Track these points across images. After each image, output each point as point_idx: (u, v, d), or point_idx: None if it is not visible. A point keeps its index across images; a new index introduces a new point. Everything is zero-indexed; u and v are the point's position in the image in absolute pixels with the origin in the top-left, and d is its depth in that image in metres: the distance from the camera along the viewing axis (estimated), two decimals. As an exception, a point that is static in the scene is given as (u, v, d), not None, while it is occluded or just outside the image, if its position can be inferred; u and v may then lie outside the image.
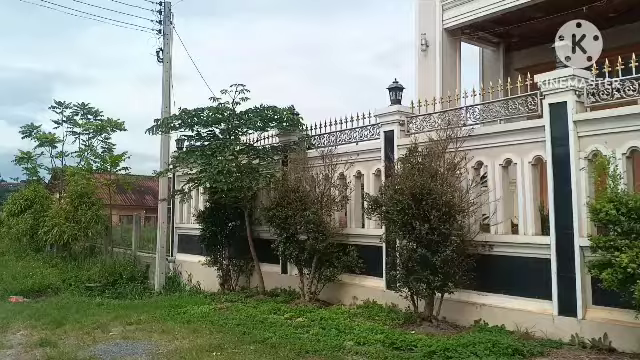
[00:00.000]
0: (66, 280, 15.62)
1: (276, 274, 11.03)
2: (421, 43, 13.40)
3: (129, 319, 8.75)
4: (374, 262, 9.01)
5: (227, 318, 8.39)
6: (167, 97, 14.39)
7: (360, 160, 9.45)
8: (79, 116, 22.06)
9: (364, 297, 9.07)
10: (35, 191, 22.63)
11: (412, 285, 7.13)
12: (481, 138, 7.66)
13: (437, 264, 6.95)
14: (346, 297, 9.44)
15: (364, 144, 9.57)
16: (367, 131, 9.52)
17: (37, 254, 20.84)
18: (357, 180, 9.66)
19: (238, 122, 9.84)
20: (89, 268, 17.48)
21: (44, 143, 21.48)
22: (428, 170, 7.20)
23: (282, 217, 9.13)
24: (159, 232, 14.20)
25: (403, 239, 7.26)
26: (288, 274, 10.86)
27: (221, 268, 11.78)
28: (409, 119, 8.84)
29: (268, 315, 8.52)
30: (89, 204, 18.61)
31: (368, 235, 9.24)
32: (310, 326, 7.67)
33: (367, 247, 9.22)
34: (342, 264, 9.14)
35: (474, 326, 7.36)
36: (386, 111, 8.93)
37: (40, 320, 9.47)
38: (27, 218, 21.64)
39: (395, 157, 8.69)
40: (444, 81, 13.20)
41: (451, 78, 13.50)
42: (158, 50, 14.49)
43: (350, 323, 7.73)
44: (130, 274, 16.01)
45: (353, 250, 9.18)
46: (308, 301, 9.32)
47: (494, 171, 7.56)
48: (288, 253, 9.22)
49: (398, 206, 6.97)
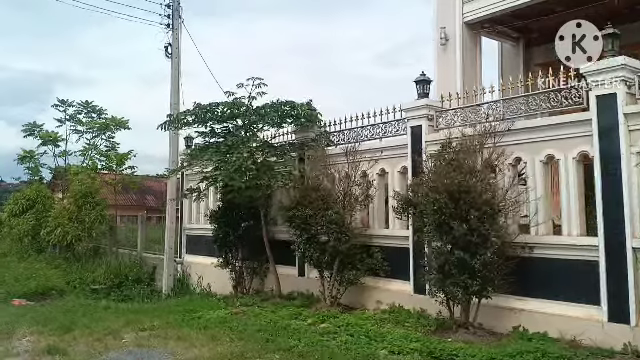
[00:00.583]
0: (70, 282, 15.17)
1: (292, 277, 10.55)
2: (440, 37, 12.92)
3: (141, 324, 8.25)
4: (400, 265, 8.53)
5: (246, 324, 7.90)
6: (176, 93, 13.94)
7: (384, 157, 8.97)
8: (82, 114, 21.68)
9: (389, 301, 8.59)
10: (37, 191, 22.18)
11: (449, 290, 6.64)
12: (520, 133, 7.18)
13: (476, 267, 6.47)
14: (369, 301, 8.96)
15: (388, 140, 9.09)
16: (391, 127, 9.05)
17: (39, 255, 20.36)
18: (380, 178, 9.18)
19: (255, 118, 9.34)
20: (93, 269, 17.03)
21: (47, 142, 21.03)
22: (465, 167, 6.72)
23: (303, 217, 8.65)
24: (167, 232, 13.72)
25: (438, 241, 6.77)
26: (305, 277, 10.37)
27: (234, 270, 11.29)
28: (438, 113, 8.36)
29: (289, 320, 8.04)
30: (93, 204, 18.15)
31: (393, 236, 8.77)
32: (336, 333, 7.18)
33: (392, 249, 8.74)
34: (366, 267, 8.67)
35: (513, 333, 6.88)
36: (413, 105, 8.46)
37: (47, 325, 8.96)
38: (29, 218, 21.17)
39: (423, 154, 8.22)
40: (465, 76, 12.78)
41: (471, 73, 13.04)
42: (167, 45, 14.08)
43: (379, 329, 7.24)
44: (136, 276, 15.58)
45: (377, 252, 8.70)
46: (329, 305, 8.83)
47: (534, 168, 7.08)
48: (309, 255, 8.74)
49: (434, 205, 6.49)
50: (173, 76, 13.98)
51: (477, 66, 13.22)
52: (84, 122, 20.91)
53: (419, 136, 8.38)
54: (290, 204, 8.93)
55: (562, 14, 11.93)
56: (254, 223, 11.03)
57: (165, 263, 13.73)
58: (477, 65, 13.19)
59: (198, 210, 14.24)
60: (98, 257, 18.53)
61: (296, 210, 8.70)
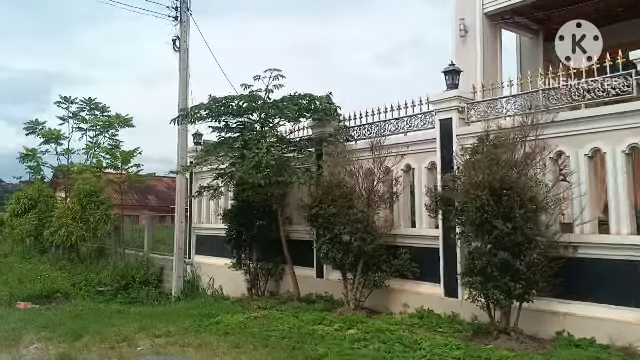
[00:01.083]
0: (76, 284, 14.70)
1: (310, 278, 10.08)
2: (459, 28, 12.48)
3: (156, 330, 7.80)
4: (429, 266, 8.07)
5: (268, 329, 7.44)
6: (184, 88, 13.46)
7: (410, 152, 8.51)
8: (85, 112, 21.18)
9: (417, 305, 8.14)
10: (39, 190, 21.70)
11: (491, 293, 6.18)
12: (562, 125, 6.72)
13: (520, 269, 6.01)
14: (395, 305, 8.50)
15: (414, 135, 8.64)
16: (417, 120, 8.59)
17: (42, 256, 19.88)
18: (406, 175, 8.72)
19: (274, 111, 8.86)
20: (99, 271, 16.55)
21: (49, 140, 20.51)
22: (506, 161, 6.25)
23: (326, 216, 8.18)
24: (176, 232, 13.25)
25: (478, 240, 6.30)
26: (324, 278, 9.91)
27: (248, 271, 10.83)
28: (469, 105, 7.90)
29: (314, 326, 7.57)
30: (98, 203, 17.66)
31: (421, 236, 8.31)
32: (367, 340, 6.72)
33: (419, 249, 8.29)
34: (392, 268, 8.21)
35: (557, 338, 6.44)
36: (443, 97, 8.00)
37: (55, 331, 8.51)
38: (31, 218, 20.69)
39: (454, 148, 7.76)
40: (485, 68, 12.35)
41: (492, 66, 12.61)
42: (175, 38, 13.58)
43: (413, 336, 6.78)
44: (143, 277, 15.11)
45: (405, 252, 8.24)
46: (353, 309, 8.37)
47: (578, 162, 6.62)
48: (331, 256, 8.27)
49: (476, 202, 6.02)
50: (181, 70, 13.50)
51: (498, 58, 12.76)
52: (87, 119, 20.38)
53: (449, 130, 7.92)
54: (312, 202, 8.45)
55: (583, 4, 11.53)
56: (269, 222, 10.59)
57: (174, 264, 13.26)
58: (498, 57, 12.72)
59: (208, 209, 13.78)
60: (103, 258, 18.06)
61: (318, 208, 8.23)
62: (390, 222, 8.68)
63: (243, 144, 8.83)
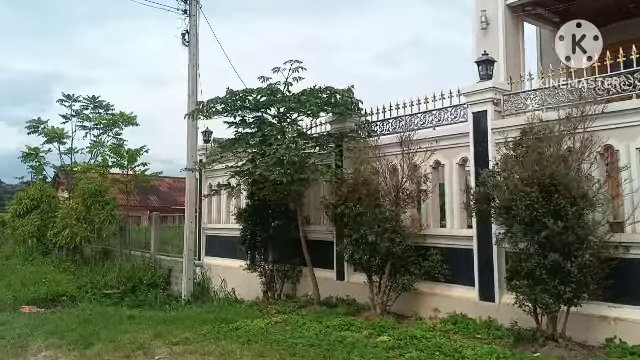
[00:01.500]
0: (81, 287, 14.21)
1: (330, 281, 9.61)
2: (481, 21, 12.04)
3: (173, 337, 7.32)
4: (461, 268, 7.62)
5: (293, 336, 6.97)
6: (194, 83, 12.98)
7: (439, 148, 8.04)
8: (89, 110, 20.72)
9: (449, 309, 7.67)
10: (42, 190, 21.22)
11: (539, 297, 5.72)
12: (611, 117, 6.26)
13: (571, 271, 5.56)
14: (424, 309, 8.04)
15: (444, 129, 8.17)
16: (447, 113, 8.13)
17: (45, 257, 19.39)
18: (435, 171, 8.25)
19: (295, 105, 8.37)
20: (104, 273, 16.07)
21: (52, 139, 20.03)
22: (555, 156, 5.79)
23: (352, 215, 7.71)
24: (186, 233, 12.76)
25: (527, 241, 5.83)
26: (345, 281, 9.45)
27: (264, 273, 10.36)
28: (506, 97, 7.44)
29: (341, 332, 7.10)
30: (102, 203, 17.18)
31: (453, 236, 7.85)
32: (402, 348, 6.25)
33: (451, 250, 7.82)
34: (422, 270, 7.74)
35: (607, 345, 5.98)
36: (476, 88, 7.53)
37: (64, 338, 8.04)
38: (34, 219, 20.20)
39: (489, 142, 7.31)
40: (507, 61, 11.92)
41: (514, 58, 12.20)
42: (184, 32, 13.10)
43: (452, 343, 6.32)
44: (151, 279, 14.65)
45: (435, 254, 7.77)
46: (379, 314, 7.91)
47: (629, 156, 6.16)
48: (357, 257, 7.80)
49: (525, 200, 5.56)
50: (190, 65, 13.03)
51: (520, 51, 12.32)
52: (91, 118, 19.91)
53: (483, 123, 7.45)
54: (337, 200, 7.97)
55: (607, -3, 11.09)
56: (285, 222, 10.18)
57: (184, 266, 12.78)
58: (520, 50, 12.28)
59: (219, 209, 13.31)
60: (108, 260, 17.58)
61: (344, 207, 7.75)
62: (418, 222, 8.22)
63: (261, 139, 8.36)
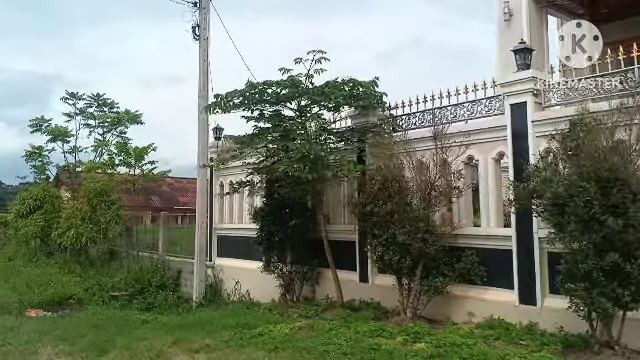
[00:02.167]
0: (88, 289, 13.75)
1: (352, 283, 9.16)
2: (504, 12, 11.60)
3: (192, 344, 6.88)
4: (498, 270, 7.18)
5: (322, 343, 6.51)
6: (205, 79, 12.53)
7: (473, 142, 7.57)
8: (93, 108, 20.28)
9: (485, 313, 7.23)
10: (45, 190, 20.79)
11: (596, 301, 5.26)
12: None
13: (631, 273, 5.11)
14: (457, 313, 7.59)
15: (477, 122, 7.72)
16: (481, 106, 7.68)
17: (49, 259, 18.93)
18: (467, 167, 7.80)
19: (319, 98, 7.90)
20: (111, 274, 15.62)
21: (56, 137, 19.58)
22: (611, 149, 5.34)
23: (381, 214, 7.25)
24: (197, 233, 12.30)
25: (585, 240, 5.37)
26: (369, 283, 9.01)
27: (282, 275, 9.90)
28: (547, 88, 6.99)
29: (374, 339, 6.65)
30: (109, 203, 16.73)
31: (489, 236, 7.40)
32: (443, 357, 5.80)
33: (486, 251, 7.37)
34: (456, 272, 7.29)
35: (668, 355, 5.53)
36: (514, 78, 7.08)
37: (75, 344, 7.64)
38: (37, 219, 19.76)
39: (529, 135, 6.87)
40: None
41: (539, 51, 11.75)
42: (194, 25, 12.64)
43: (496, 351, 5.87)
44: (160, 281, 14.16)
45: (471, 254, 7.32)
46: (410, 318, 7.46)
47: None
48: (387, 258, 7.34)
49: (584, 196, 5.10)
50: (201, 59, 12.57)
51: (544, 43, 11.89)
52: (96, 116, 19.46)
53: (522, 115, 7.00)
54: (366, 198, 7.50)
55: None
56: (304, 221, 9.75)
57: (196, 267, 12.32)
58: (544, 42, 11.86)
59: (231, 208, 12.86)
60: (114, 261, 17.14)
61: (373, 205, 7.29)
62: (449, 220, 7.77)
63: (283, 134, 7.91)
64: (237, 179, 12.49)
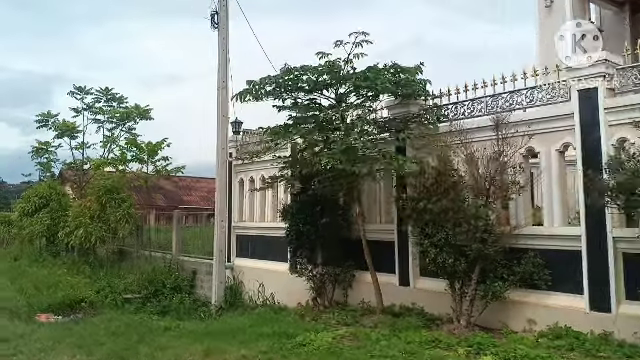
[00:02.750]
0: (100, 291, 13.04)
1: (391, 286, 8.46)
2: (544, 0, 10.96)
3: (226, 355, 6.22)
4: (564, 273, 6.49)
5: (375, 355, 5.82)
6: (224, 69, 11.83)
7: (534, 132, 6.86)
8: (102, 103, 19.59)
9: (548, 321, 6.53)
10: (51, 188, 20.12)
11: None
12: None
13: None
14: (515, 321, 6.89)
15: (537, 111, 7.02)
16: (542, 93, 6.98)
17: (55, 259, 18.25)
18: (525, 160, 7.10)
19: (364, 84, 7.17)
20: (123, 275, 14.94)
21: (64, 133, 18.89)
22: None
23: (436, 211, 6.55)
24: (217, 232, 11.60)
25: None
26: (411, 287, 8.31)
27: (313, 278, 9.21)
28: (621, 72, 6.29)
29: (430, 350, 5.97)
30: (119, 201, 16.04)
31: (553, 236, 6.70)
32: (519, 373, 5.11)
33: (549, 252, 6.67)
34: (517, 276, 6.59)
35: None
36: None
37: (93, 353, 7.00)
38: (43, 218, 19.11)
39: (601, 124, 6.17)
40: (575, 43, 10.82)
41: (581, 40, 11.10)
42: (213, 12, 11.94)
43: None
44: (174, 283, 13.48)
45: (533, 256, 6.62)
46: (464, 326, 6.77)
47: None
48: (441, 261, 6.64)
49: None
50: (220, 49, 11.87)
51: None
52: (105, 110, 18.78)
53: (592, 102, 6.30)
54: (418, 194, 6.79)
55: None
56: (336, 220, 9.07)
57: (215, 268, 11.61)
58: (587, 30, 11.17)
59: (252, 206, 12.17)
60: (124, 261, 16.46)
61: (426, 202, 6.58)
62: (505, 219, 7.08)
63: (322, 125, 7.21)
64: (259, 175, 11.86)
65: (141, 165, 15.82)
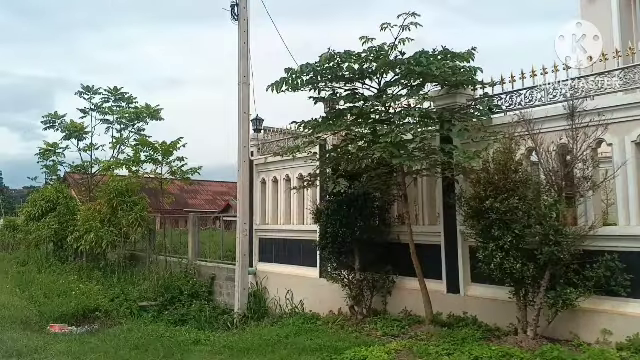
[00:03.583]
0: (114, 299, 12.35)
1: (437, 294, 7.74)
2: (587, -13, 10.26)
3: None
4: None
5: (444, 375, 5.14)
6: (245, 62, 11.17)
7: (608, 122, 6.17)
8: (110, 103, 18.94)
9: (626, 331, 5.83)
10: (58, 191, 19.45)
11: None
12: None
13: None
14: (587, 331, 6.18)
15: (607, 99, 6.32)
16: (613, 78, 6.27)
17: (63, 264, 17.56)
18: (595, 153, 6.40)
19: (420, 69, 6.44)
20: (136, 282, 14.26)
21: (71, 134, 18.21)
22: None
23: (503, 210, 5.85)
24: (239, 235, 10.90)
25: None
26: (460, 294, 7.61)
27: (349, 284, 8.51)
28: None
29: (505, 368, 5.27)
30: (131, 204, 15.34)
31: (632, 236, 5.99)
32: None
33: (627, 255, 5.97)
34: (592, 281, 5.90)
35: None
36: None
37: (120, 373, 6.28)
38: (50, 222, 18.43)
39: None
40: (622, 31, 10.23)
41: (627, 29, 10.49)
42: (233, 4, 11.29)
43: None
44: (191, 289, 12.78)
45: (610, 260, 5.92)
46: (532, 338, 6.07)
47: None
48: (508, 266, 5.93)
49: None
50: (241, 41, 11.21)
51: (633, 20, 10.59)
52: (114, 110, 18.12)
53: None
54: (482, 191, 6.07)
55: None
56: (372, 222, 8.41)
57: (237, 274, 10.91)
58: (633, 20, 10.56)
59: (275, 207, 11.49)
60: (137, 266, 15.75)
61: (493, 200, 5.88)
62: (572, 219, 6.38)
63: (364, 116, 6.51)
64: (283, 174, 11.20)
65: (155, 166, 15.10)
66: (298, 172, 10.81)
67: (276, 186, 11.51)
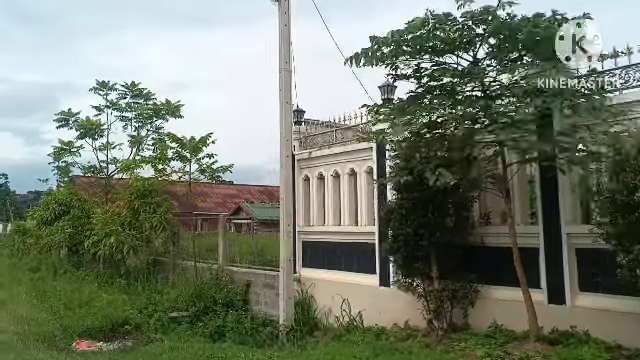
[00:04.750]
0: (142, 310, 11.21)
1: (537, 305, 6.55)
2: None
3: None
4: None
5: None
6: (287, 47, 10.07)
7: None
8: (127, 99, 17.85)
9: None
10: (71, 194, 18.35)
11: None
12: None
13: None
14: None
15: None
16: None
17: (78, 270, 16.44)
18: None
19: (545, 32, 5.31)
20: (162, 290, 13.14)
21: (87, 132, 17.10)
22: None
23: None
24: (283, 238, 9.76)
25: None
26: (566, 305, 6.48)
27: (426, 295, 7.37)
28: None
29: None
30: (154, 206, 14.19)
31: None
32: None
33: None
34: None
35: None
36: None
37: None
38: (64, 226, 17.33)
39: None
40: None
41: None
42: (273, -16, 10.20)
43: None
44: (225, 298, 11.64)
45: None
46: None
47: None
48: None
49: None
50: (282, 24, 10.11)
51: None
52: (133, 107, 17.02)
53: None
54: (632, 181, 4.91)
55: None
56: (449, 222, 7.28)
57: (282, 281, 9.77)
58: None
59: (322, 207, 10.36)
60: (161, 273, 14.60)
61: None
62: None
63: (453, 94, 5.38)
64: (331, 170, 10.09)
65: (183, 164, 13.96)
66: (349, 167, 9.71)
67: (322, 183, 10.40)
